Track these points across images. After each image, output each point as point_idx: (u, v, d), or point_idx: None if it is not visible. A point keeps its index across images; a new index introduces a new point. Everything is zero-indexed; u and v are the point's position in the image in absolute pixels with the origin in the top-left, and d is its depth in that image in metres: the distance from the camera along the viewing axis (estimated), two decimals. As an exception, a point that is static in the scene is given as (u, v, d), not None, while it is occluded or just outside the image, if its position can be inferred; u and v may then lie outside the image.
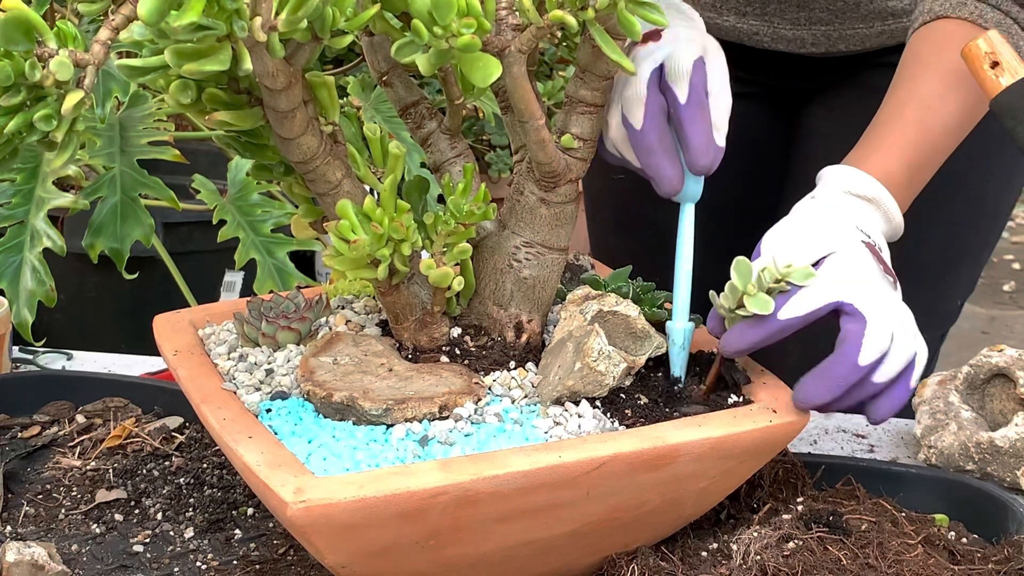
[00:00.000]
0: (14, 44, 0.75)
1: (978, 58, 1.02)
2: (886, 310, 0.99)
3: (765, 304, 0.97)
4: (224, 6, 0.76)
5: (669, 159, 1.03)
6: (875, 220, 1.07)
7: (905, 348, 0.99)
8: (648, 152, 1.03)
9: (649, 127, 1.03)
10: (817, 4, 1.38)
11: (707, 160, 1.02)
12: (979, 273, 1.53)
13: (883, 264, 1.02)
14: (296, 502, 0.81)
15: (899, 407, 1.00)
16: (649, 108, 1.02)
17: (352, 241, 0.94)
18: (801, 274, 0.98)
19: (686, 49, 1.04)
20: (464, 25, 0.83)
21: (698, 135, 1.02)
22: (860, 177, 1.08)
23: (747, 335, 0.98)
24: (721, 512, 1.07)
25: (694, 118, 1.03)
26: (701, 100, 1.03)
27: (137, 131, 1.76)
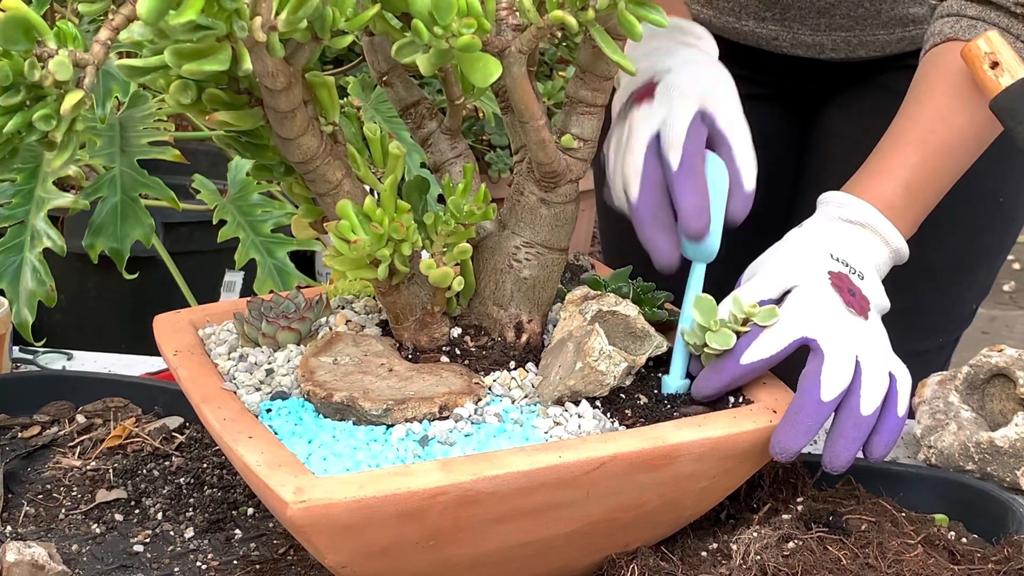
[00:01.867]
0: (14, 44, 0.75)
1: (978, 58, 1.02)
2: (845, 342, 0.98)
3: (726, 339, 0.97)
4: (224, 6, 0.76)
5: (664, 233, 1.04)
6: (868, 245, 1.06)
7: (877, 375, 0.98)
8: (642, 225, 1.05)
9: (643, 202, 1.04)
10: (838, 10, 1.38)
11: (698, 225, 1.03)
12: (995, 276, 1.52)
13: (846, 295, 1.01)
14: (296, 502, 0.81)
15: (893, 439, 0.98)
16: (645, 182, 1.04)
17: (352, 241, 0.94)
18: (765, 315, 0.98)
19: (681, 110, 1.05)
20: (464, 25, 0.83)
21: (690, 202, 1.03)
22: (851, 202, 1.08)
23: (712, 380, 0.99)
24: (721, 512, 1.07)
25: (685, 185, 1.03)
26: (693, 167, 1.04)
27: (137, 131, 1.76)
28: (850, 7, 1.37)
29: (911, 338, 1.46)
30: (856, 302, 1.01)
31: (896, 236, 1.07)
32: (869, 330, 1.01)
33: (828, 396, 0.95)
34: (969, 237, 1.45)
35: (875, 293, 1.04)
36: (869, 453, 0.99)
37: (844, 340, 0.98)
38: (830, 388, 0.96)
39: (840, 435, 0.96)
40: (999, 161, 1.40)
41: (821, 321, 0.99)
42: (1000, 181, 1.43)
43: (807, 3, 1.38)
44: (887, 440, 0.98)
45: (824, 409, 0.95)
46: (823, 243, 1.05)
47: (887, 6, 1.37)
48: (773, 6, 1.39)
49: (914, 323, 1.47)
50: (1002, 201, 1.45)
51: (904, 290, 1.44)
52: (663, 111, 1.06)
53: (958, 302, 1.50)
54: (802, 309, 0.99)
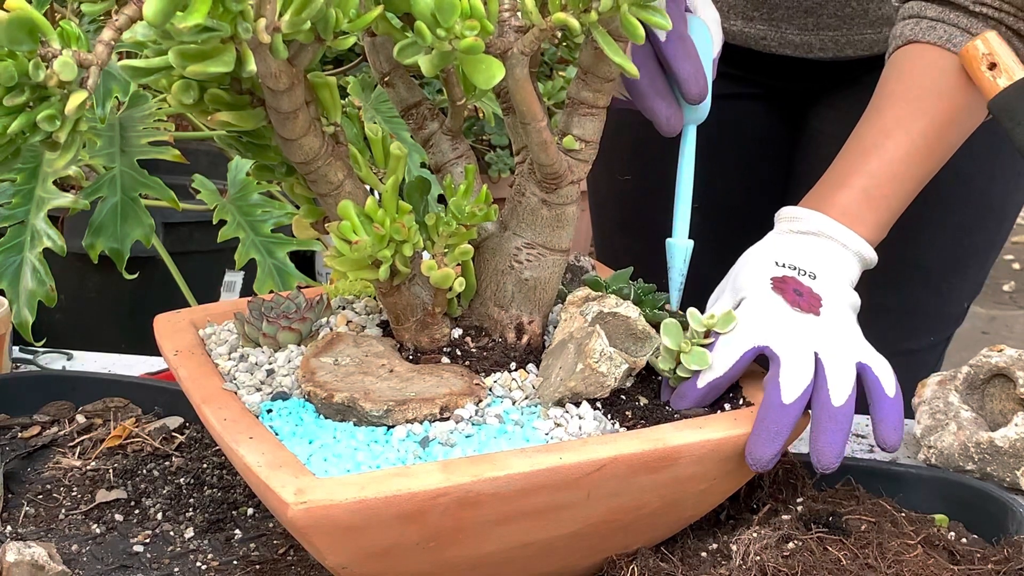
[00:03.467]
0: (18, 44, 0.75)
1: (976, 59, 1.02)
2: (798, 342, 0.98)
3: (702, 358, 0.97)
4: (229, 7, 0.76)
5: (663, 100, 1.08)
6: (822, 249, 1.06)
7: (841, 367, 0.97)
8: (641, 97, 1.09)
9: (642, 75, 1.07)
10: (826, 10, 1.38)
11: (697, 88, 1.07)
12: (986, 275, 1.53)
13: (791, 295, 1.01)
14: (297, 503, 0.81)
15: (897, 422, 0.97)
16: (636, 54, 1.07)
17: (353, 242, 0.94)
18: (724, 320, 0.99)
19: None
20: (467, 27, 0.83)
21: (684, 67, 1.07)
22: (802, 214, 1.08)
23: (680, 404, 0.99)
24: (721, 513, 1.07)
25: (676, 52, 1.07)
26: (680, 34, 1.08)
27: (137, 131, 1.76)
28: (837, 6, 1.37)
29: (903, 337, 1.46)
30: (804, 301, 1.01)
31: (854, 239, 1.07)
32: (824, 325, 1.00)
33: (789, 398, 0.95)
34: (960, 237, 1.46)
35: (831, 290, 1.03)
36: (882, 442, 0.97)
37: (796, 340, 0.98)
38: (790, 390, 0.95)
39: (820, 431, 0.95)
40: (989, 161, 1.41)
41: (769, 326, 0.99)
42: (990, 181, 1.43)
43: (795, 3, 1.38)
44: (892, 424, 0.97)
45: (789, 412, 0.94)
46: (768, 253, 1.06)
47: (874, 5, 1.37)
48: (761, 6, 1.40)
49: (906, 322, 1.47)
50: (992, 201, 1.45)
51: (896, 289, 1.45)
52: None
53: (950, 301, 1.50)
54: (748, 319, 1.00)
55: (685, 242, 1.11)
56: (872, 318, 1.45)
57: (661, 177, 1.28)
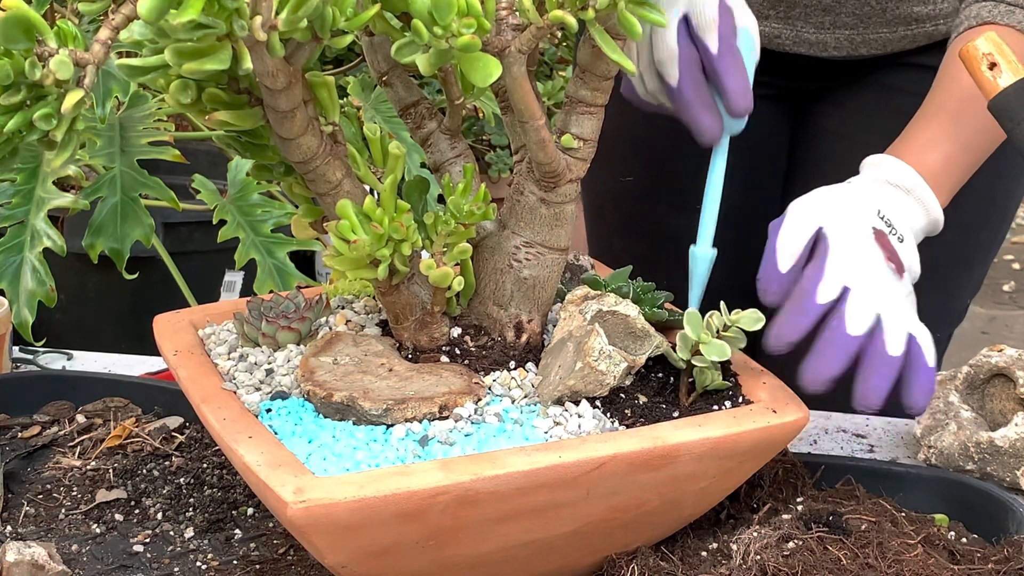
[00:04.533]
0: (14, 43, 0.75)
1: (976, 59, 1.02)
2: (875, 290, 1.01)
3: (722, 350, 0.98)
4: (224, 5, 0.76)
5: (708, 111, 1.07)
6: (910, 211, 1.08)
7: (899, 326, 1.00)
8: (687, 107, 1.07)
9: (685, 83, 1.06)
10: (843, 9, 1.37)
11: (745, 103, 1.06)
12: (986, 272, 1.54)
13: (888, 251, 1.04)
14: (296, 502, 0.81)
15: (929, 388, 1.00)
16: (683, 63, 1.06)
17: (352, 241, 0.94)
18: (750, 319, 0.99)
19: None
20: (464, 25, 0.83)
21: (734, 82, 1.06)
22: (898, 166, 1.09)
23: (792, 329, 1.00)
24: (721, 512, 1.07)
25: (728, 67, 1.06)
26: (731, 47, 1.07)
27: (137, 131, 1.76)
28: (856, 5, 1.37)
29: None
30: (894, 264, 1.04)
31: (935, 205, 1.09)
32: (901, 290, 1.03)
33: (854, 330, 0.98)
34: (965, 234, 1.46)
35: (911, 259, 1.06)
36: (912, 402, 1.00)
37: (874, 288, 1.01)
38: (855, 323, 0.98)
39: (871, 373, 0.99)
40: (995, 158, 1.41)
41: (858, 269, 1.01)
42: (996, 178, 1.44)
43: (812, 1, 1.38)
44: (925, 389, 1.00)
45: (850, 342, 0.98)
46: (872, 201, 1.07)
47: (892, 4, 1.37)
48: (777, 4, 1.39)
49: None
50: (996, 198, 1.45)
51: None
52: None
53: (954, 297, 1.51)
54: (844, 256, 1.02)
55: (709, 251, 1.09)
56: None
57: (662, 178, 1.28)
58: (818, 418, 1.32)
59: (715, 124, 1.08)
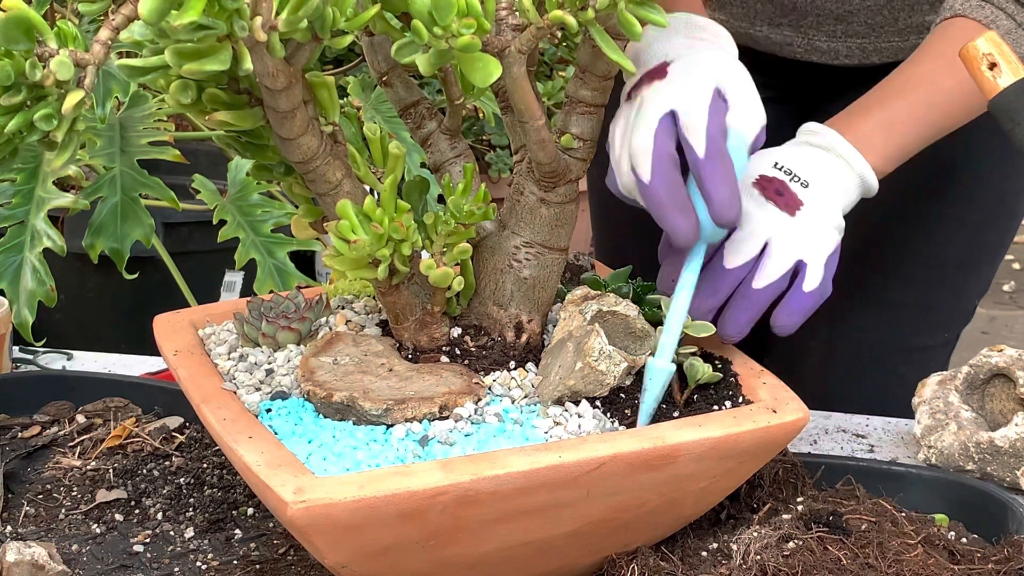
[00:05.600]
0: (15, 43, 0.75)
1: (976, 59, 1.02)
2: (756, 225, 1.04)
3: (705, 327, 1.01)
4: (225, 6, 0.76)
5: (681, 212, 0.98)
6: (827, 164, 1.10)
7: (781, 258, 1.03)
8: (658, 206, 0.98)
9: (658, 182, 0.97)
10: (856, 17, 1.38)
11: (732, 214, 0.97)
12: (994, 273, 1.54)
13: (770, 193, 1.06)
14: (296, 502, 0.81)
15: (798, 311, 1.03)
16: (657, 161, 0.97)
17: (352, 241, 0.94)
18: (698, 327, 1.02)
19: (698, 89, 1.00)
20: (464, 25, 0.83)
21: (720, 190, 0.96)
22: (820, 130, 1.12)
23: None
24: (721, 512, 1.07)
25: (714, 173, 0.97)
26: (720, 151, 0.98)
27: (137, 131, 1.76)
28: (868, 14, 1.37)
29: (919, 334, 1.48)
30: (782, 200, 1.05)
31: (860, 162, 1.11)
32: (791, 224, 1.05)
33: (729, 264, 1.03)
34: (975, 234, 1.47)
35: (817, 201, 1.07)
36: (773, 321, 1.03)
37: (755, 223, 1.03)
38: (732, 258, 1.02)
39: (730, 307, 1.03)
40: (1005, 158, 1.41)
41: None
42: (1005, 179, 1.44)
43: (825, 10, 1.37)
44: (790, 310, 1.03)
45: (727, 276, 1.02)
46: (773, 155, 1.10)
47: (904, 14, 1.37)
48: (789, 12, 1.39)
49: (922, 319, 1.48)
50: (1006, 198, 1.46)
51: (913, 287, 1.46)
52: (678, 88, 1.00)
53: (963, 298, 1.51)
54: None
55: (668, 366, 0.97)
56: (889, 315, 1.46)
57: None
58: (818, 418, 1.32)
59: (689, 228, 0.98)
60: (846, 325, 1.46)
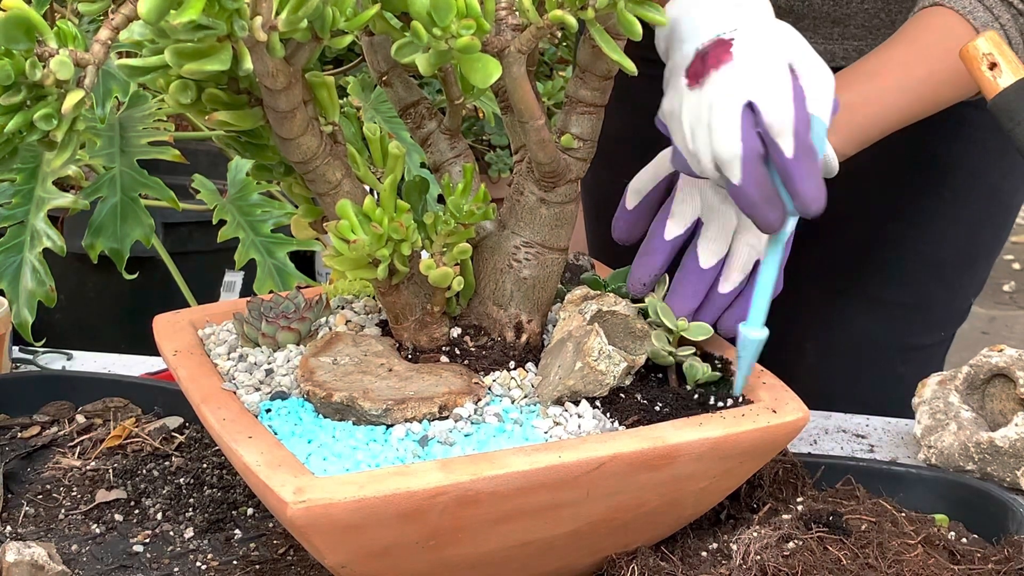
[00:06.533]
0: (14, 43, 0.75)
1: (976, 59, 1.02)
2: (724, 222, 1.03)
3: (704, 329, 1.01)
4: (224, 5, 0.76)
5: (772, 206, 0.95)
6: None
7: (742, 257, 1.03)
8: (750, 205, 0.95)
9: (748, 182, 0.94)
10: (852, 21, 1.38)
11: (819, 206, 0.94)
12: (989, 271, 1.55)
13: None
14: (296, 502, 0.81)
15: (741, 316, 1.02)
16: (747, 163, 0.93)
17: (352, 241, 0.94)
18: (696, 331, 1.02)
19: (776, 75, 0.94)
20: (463, 26, 0.83)
21: (810, 188, 0.93)
22: None
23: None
24: (721, 512, 1.07)
25: (803, 172, 0.93)
26: (808, 148, 0.93)
27: (137, 131, 1.76)
28: (865, 17, 1.37)
29: (915, 332, 1.48)
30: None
31: None
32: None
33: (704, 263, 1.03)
34: (971, 232, 1.47)
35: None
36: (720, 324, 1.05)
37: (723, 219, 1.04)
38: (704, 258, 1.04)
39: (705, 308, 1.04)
40: (1001, 157, 1.41)
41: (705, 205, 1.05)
42: (1001, 177, 1.44)
43: (821, 13, 1.37)
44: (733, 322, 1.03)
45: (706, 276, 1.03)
46: None
47: (901, 16, 1.37)
48: (786, 15, 1.39)
49: (918, 318, 1.48)
50: (1002, 196, 1.46)
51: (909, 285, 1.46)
52: (753, 76, 0.94)
53: (959, 296, 1.52)
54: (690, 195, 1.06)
55: (760, 332, 0.98)
56: (885, 314, 1.46)
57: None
58: (818, 418, 1.32)
59: (779, 218, 0.95)
60: (843, 325, 1.46)
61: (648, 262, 1.05)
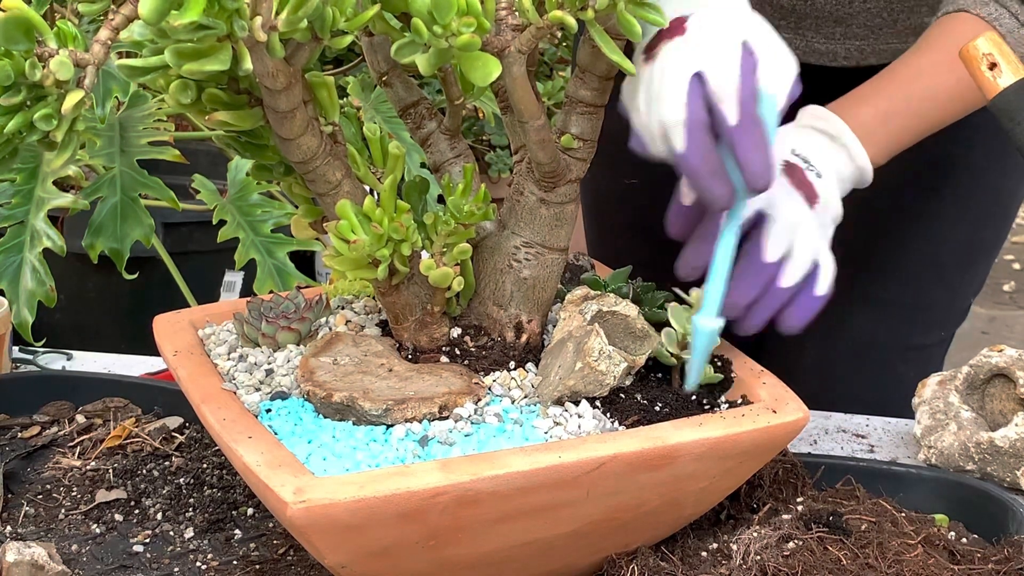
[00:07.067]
0: (14, 43, 0.75)
1: (976, 59, 1.02)
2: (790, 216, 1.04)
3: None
4: (224, 6, 0.76)
5: (717, 179, 0.95)
6: (833, 155, 1.11)
7: (805, 255, 1.04)
8: (694, 175, 0.95)
9: (692, 151, 0.94)
10: (855, 20, 1.37)
11: (765, 180, 0.94)
12: (989, 271, 1.55)
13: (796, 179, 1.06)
14: (296, 502, 0.81)
15: (809, 314, 1.04)
16: (691, 131, 0.94)
17: (352, 241, 0.94)
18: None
19: (725, 46, 0.94)
20: (464, 25, 0.83)
21: (755, 160, 0.93)
22: (827, 115, 1.12)
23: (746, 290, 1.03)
24: (721, 512, 1.07)
25: (747, 141, 0.93)
26: (753, 117, 0.94)
27: (137, 131, 1.76)
28: (867, 17, 1.37)
29: (916, 332, 1.48)
30: (805, 191, 1.06)
31: (862, 154, 1.11)
32: (811, 219, 1.05)
33: (770, 258, 1.03)
34: (971, 232, 1.47)
35: (828, 193, 1.08)
36: (782, 322, 1.04)
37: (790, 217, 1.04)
38: (774, 251, 1.03)
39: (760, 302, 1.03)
40: (1002, 156, 1.41)
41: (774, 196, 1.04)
42: (1002, 177, 1.45)
43: (824, 12, 1.37)
44: (800, 315, 1.04)
45: (765, 271, 1.02)
46: (786, 141, 1.09)
47: (904, 16, 1.37)
48: (789, 15, 1.39)
49: (919, 317, 1.48)
50: (1002, 196, 1.46)
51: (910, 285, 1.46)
52: (702, 46, 0.95)
53: (959, 296, 1.52)
54: None
55: (714, 322, 0.97)
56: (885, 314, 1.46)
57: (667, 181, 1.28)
58: (818, 418, 1.32)
59: (725, 192, 0.95)
60: (843, 325, 1.46)
61: (702, 249, 1.02)
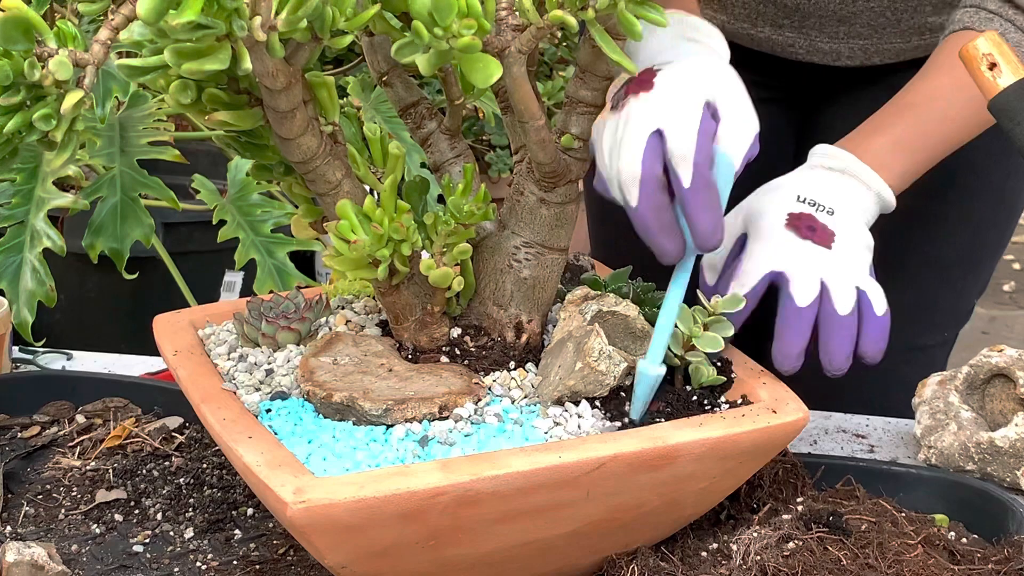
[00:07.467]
0: (14, 43, 0.75)
1: (976, 59, 1.02)
2: (806, 265, 1.06)
3: (715, 342, 1.00)
4: (224, 5, 0.76)
5: (668, 235, 0.98)
6: (845, 187, 1.12)
7: (844, 286, 1.05)
8: (645, 230, 0.98)
9: (644, 207, 0.97)
10: (859, 19, 1.37)
11: (714, 241, 0.97)
12: (993, 271, 1.55)
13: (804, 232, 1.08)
14: (296, 502, 0.81)
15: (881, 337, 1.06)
16: (644, 187, 0.97)
17: (352, 241, 0.94)
18: (729, 302, 1.02)
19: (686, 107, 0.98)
20: (464, 26, 0.83)
21: (704, 221, 0.96)
22: (831, 151, 1.14)
23: None
24: (721, 512, 1.07)
25: (699, 203, 0.96)
26: (706, 181, 0.97)
27: (137, 131, 1.76)
28: (871, 16, 1.37)
29: (920, 333, 1.48)
30: (816, 235, 1.08)
31: (876, 180, 1.13)
32: (833, 256, 1.07)
33: (803, 302, 1.04)
34: (975, 232, 1.47)
35: (846, 227, 1.10)
36: (863, 351, 1.06)
37: (805, 263, 1.06)
38: (802, 296, 1.04)
39: (830, 336, 1.04)
40: (1005, 157, 1.42)
41: (780, 254, 1.06)
42: (1005, 177, 1.45)
43: (828, 11, 1.37)
44: (875, 337, 1.06)
45: (805, 315, 1.04)
46: (789, 189, 1.11)
47: (907, 15, 1.37)
48: (792, 14, 1.39)
49: (923, 318, 1.49)
50: (1005, 197, 1.46)
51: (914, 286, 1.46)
52: (665, 106, 0.98)
53: (963, 297, 1.52)
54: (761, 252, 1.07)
55: (657, 369, 0.96)
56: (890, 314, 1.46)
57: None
58: (818, 418, 1.32)
59: (675, 248, 0.98)
60: None
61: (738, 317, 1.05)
